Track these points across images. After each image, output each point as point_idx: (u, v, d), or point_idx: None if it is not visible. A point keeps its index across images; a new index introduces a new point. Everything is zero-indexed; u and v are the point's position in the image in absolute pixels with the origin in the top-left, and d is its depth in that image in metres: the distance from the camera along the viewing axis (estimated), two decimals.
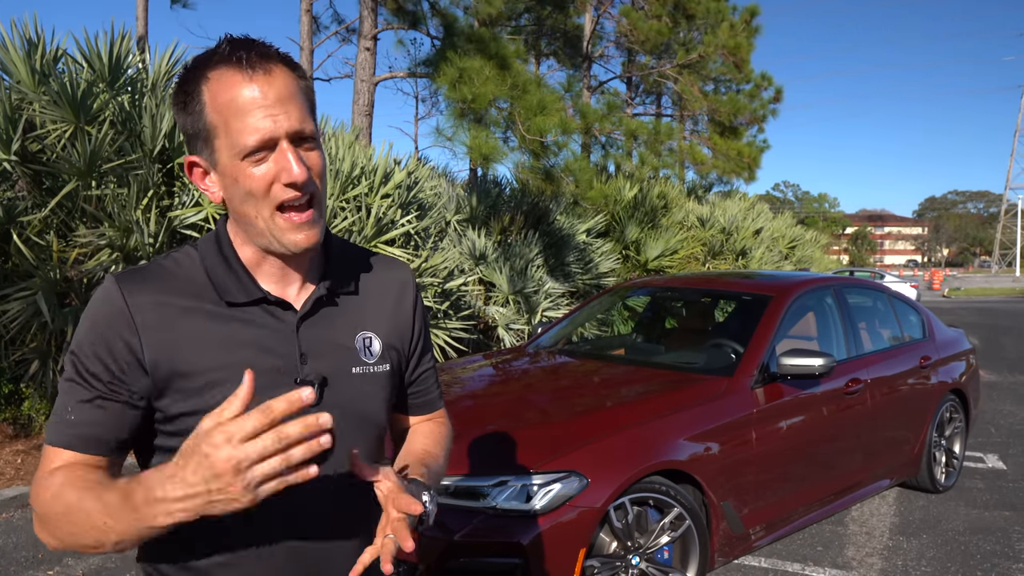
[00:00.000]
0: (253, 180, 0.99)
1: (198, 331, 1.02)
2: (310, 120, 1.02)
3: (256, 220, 1.02)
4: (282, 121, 0.98)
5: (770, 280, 4.50)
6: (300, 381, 1.06)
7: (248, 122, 0.97)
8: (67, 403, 1.00)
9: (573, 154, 9.48)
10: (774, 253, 17.25)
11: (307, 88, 1.04)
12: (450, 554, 2.61)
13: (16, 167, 5.04)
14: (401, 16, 10.39)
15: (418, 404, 1.30)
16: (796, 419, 3.58)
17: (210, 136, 1.00)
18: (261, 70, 0.98)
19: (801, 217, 45.70)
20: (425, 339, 1.28)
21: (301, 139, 1.00)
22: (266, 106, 0.97)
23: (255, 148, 0.98)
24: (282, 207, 1.01)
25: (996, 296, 33.49)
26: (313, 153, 1.02)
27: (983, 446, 5.97)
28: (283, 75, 1.00)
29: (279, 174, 0.99)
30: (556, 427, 3.03)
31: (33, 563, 3.56)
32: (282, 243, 1.03)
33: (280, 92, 0.98)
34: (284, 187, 0.99)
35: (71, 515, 0.93)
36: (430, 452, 1.24)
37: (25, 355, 5.03)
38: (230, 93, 0.97)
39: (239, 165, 0.99)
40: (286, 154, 0.98)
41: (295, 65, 1.03)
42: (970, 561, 3.76)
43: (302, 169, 0.99)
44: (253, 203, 1.00)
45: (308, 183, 1.00)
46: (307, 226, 1.02)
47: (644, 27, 16.12)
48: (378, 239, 6.34)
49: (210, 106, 0.99)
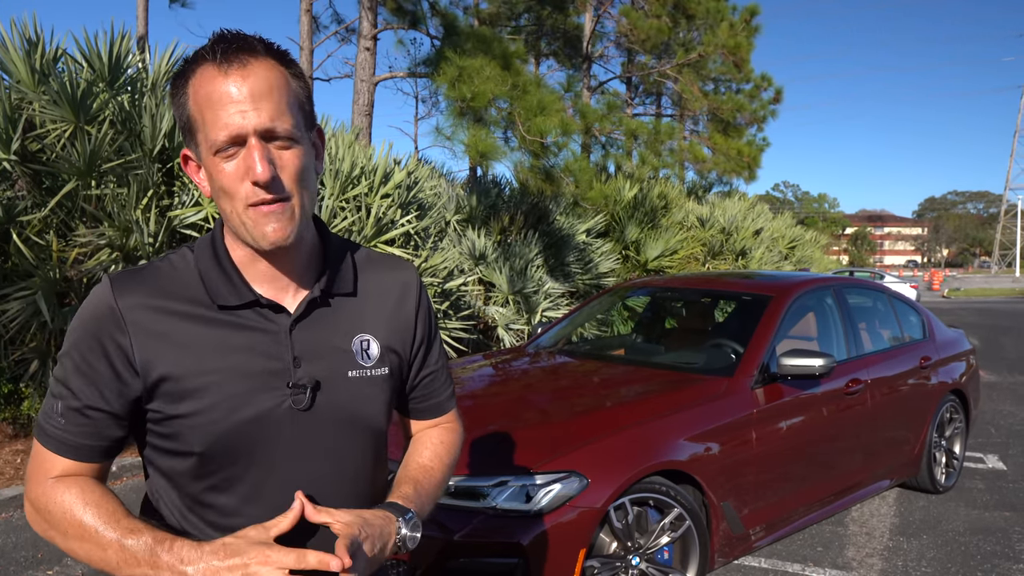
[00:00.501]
0: (224, 176, 0.98)
1: (191, 334, 1.02)
2: (287, 117, 0.99)
3: (231, 215, 1.01)
4: (251, 118, 0.96)
5: (770, 280, 4.50)
6: (293, 385, 1.05)
7: (219, 116, 0.96)
8: (58, 407, 1.01)
9: (573, 154, 9.49)
10: (774, 253, 17.25)
11: (296, 85, 1.02)
12: (450, 554, 2.61)
13: (16, 167, 5.03)
14: (401, 16, 10.40)
15: (424, 408, 1.27)
16: (796, 419, 3.58)
17: (193, 130, 1.00)
18: (237, 64, 0.97)
19: (801, 217, 45.71)
20: (431, 340, 1.25)
21: (273, 137, 0.98)
22: (237, 102, 0.96)
23: (224, 144, 0.97)
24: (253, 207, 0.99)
25: (996, 296, 33.50)
26: (288, 152, 0.99)
27: (983, 446, 5.97)
28: (263, 70, 0.98)
29: (247, 172, 0.97)
30: (556, 427, 3.03)
31: (33, 563, 3.55)
32: (253, 237, 1.01)
33: (255, 88, 0.96)
34: (252, 185, 0.98)
35: (84, 540, 0.97)
36: (426, 467, 1.21)
37: (25, 355, 5.03)
38: (206, 88, 0.97)
39: (214, 160, 0.98)
40: (252, 152, 0.97)
41: (285, 60, 1.01)
42: (970, 562, 3.76)
43: (266, 168, 0.96)
44: (228, 200, 1.00)
45: (274, 183, 0.98)
46: (274, 217, 0.99)
47: (644, 27, 16.12)
48: (378, 239, 6.33)
49: (192, 100, 0.99)
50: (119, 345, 1.00)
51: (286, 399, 1.04)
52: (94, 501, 0.98)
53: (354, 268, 1.16)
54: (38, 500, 1.00)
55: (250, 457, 1.04)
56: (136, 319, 1.00)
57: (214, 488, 1.05)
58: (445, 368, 1.29)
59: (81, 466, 1.01)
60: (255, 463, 1.05)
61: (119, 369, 1.00)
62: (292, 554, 0.92)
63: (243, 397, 1.02)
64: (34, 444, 1.03)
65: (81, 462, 1.01)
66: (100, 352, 1.00)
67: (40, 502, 0.99)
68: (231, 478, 1.04)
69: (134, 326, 1.00)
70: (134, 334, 1.00)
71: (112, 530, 0.95)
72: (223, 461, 1.03)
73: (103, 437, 1.01)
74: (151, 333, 1.01)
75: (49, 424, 1.01)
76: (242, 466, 1.04)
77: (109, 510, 0.97)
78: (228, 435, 1.02)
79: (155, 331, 1.01)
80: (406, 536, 1.07)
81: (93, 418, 1.00)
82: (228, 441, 1.02)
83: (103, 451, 1.02)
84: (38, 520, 1.01)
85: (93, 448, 1.01)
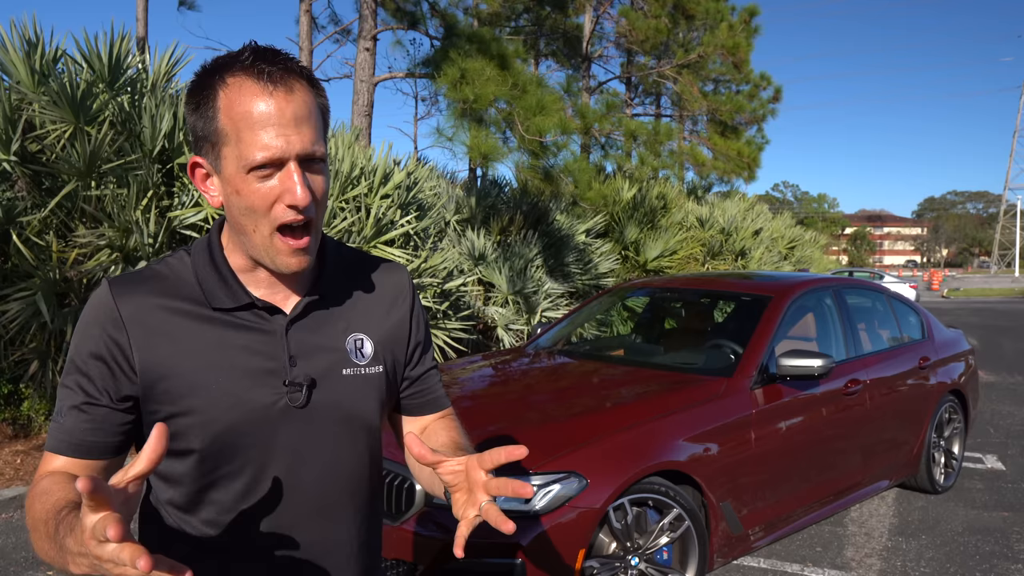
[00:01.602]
0: (256, 196, 0.98)
1: (188, 335, 1.03)
2: (322, 143, 1.01)
3: (253, 235, 1.01)
4: (295, 142, 0.97)
5: (769, 281, 4.50)
6: (289, 383, 1.06)
7: (260, 137, 0.96)
8: (60, 407, 1.02)
9: (572, 154, 9.50)
10: (773, 253, 17.26)
11: (324, 107, 1.03)
12: (449, 554, 2.61)
13: (16, 167, 5.04)
14: (400, 16, 10.40)
15: (424, 403, 1.29)
16: (795, 420, 3.59)
17: (219, 142, 0.99)
18: (283, 86, 0.97)
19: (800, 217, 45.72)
20: (425, 341, 1.28)
21: (310, 161, 0.99)
22: (281, 124, 0.96)
23: (262, 164, 0.97)
24: (281, 228, 1.00)
25: (995, 296, 33.50)
26: (319, 176, 1.01)
27: (982, 447, 5.98)
28: (303, 93, 0.98)
29: (283, 195, 0.98)
30: (555, 428, 3.03)
31: (33, 563, 3.56)
32: (275, 263, 1.03)
33: (297, 111, 0.97)
34: (286, 207, 0.98)
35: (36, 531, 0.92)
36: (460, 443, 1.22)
37: (24, 355, 5.03)
38: (247, 104, 0.96)
39: (244, 178, 0.98)
40: (292, 176, 0.97)
41: (316, 83, 1.02)
42: (969, 562, 3.77)
43: (306, 193, 0.98)
44: (252, 217, 1.00)
45: (310, 207, 1.00)
46: (302, 252, 1.02)
47: (643, 27, 16.13)
48: (377, 239, 6.34)
49: (224, 112, 0.97)
50: (118, 344, 1.01)
51: (282, 397, 1.06)
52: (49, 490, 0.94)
53: (349, 269, 1.18)
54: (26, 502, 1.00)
55: (247, 454, 1.05)
56: (134, 319, 1.02)
57: (211, 485, 1.06)
58: (437, 368, 1.33)
59: (76, 463, 1.01)
60: (252, 460, 1.06)
61: (118, 367, 1.01)
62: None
63: (240, 395, 1.04)
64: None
65: (76, 459, 1.01)
66: (99, 351, 1.01)
67: (27, 504, 0.99)
68: (228, 475, 1.06)
69: (132, 326, 1.01)
70: (132, 334, 1.01)
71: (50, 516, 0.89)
72: (220, 459, 1.05)
73: (100, 432, 1.02)
74: (149, 333, 1.02)
75: (53, 427, 1.02)
76: (239, 463, 1.05)
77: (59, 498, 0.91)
78: (225, 433, 1.03)
79: (153, 330, 1.02)
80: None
81: (91, 414, 1.01)
82: (226, 439, 1.04)
83: (100, 448, 1.02)
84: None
85: (91, 445, 1.01)
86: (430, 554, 2.63)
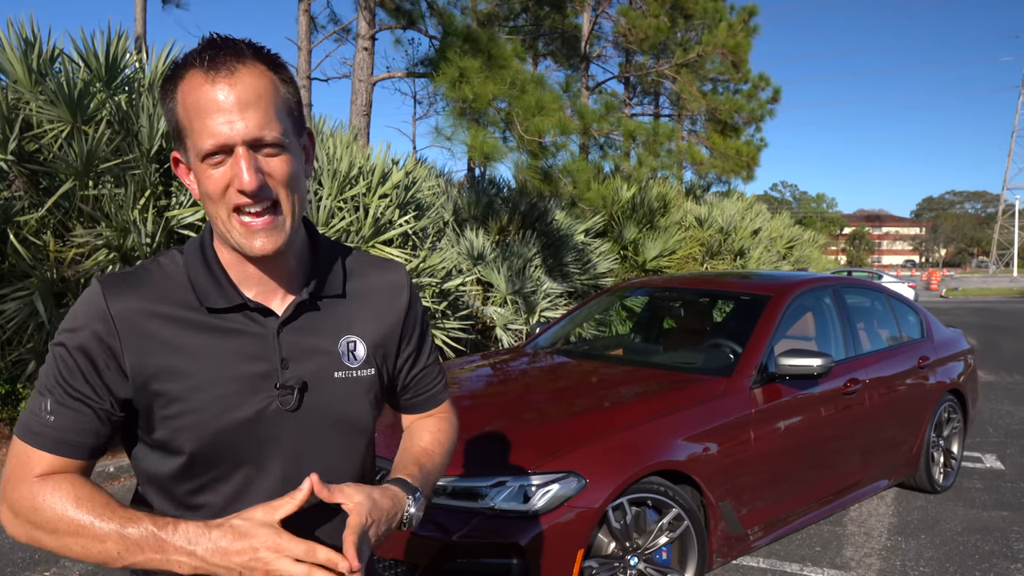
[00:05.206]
0: (211, 183, 0.99)
1: (180, 338, 1.03)
2: (274, 125, 0.99)
3: (217, 220, 1.02)
4: (238, 127, 0.96)
5: (768, 280, 4.50)
6: (280, 386, 1.06)
7: (207, 125, 0.96)
8: (47, 404, 1.00)
9: (571, 154, 9.50)
10: (772, 253, 17.26)
11: (285, 90, 1.02)
12: (448, 555, 2.61)
13: (13, 167, 5.02)
14: (398, 16, 10.39)
15: (419, 402, 1.29)
16: (794, 419, 3.58)
17: (181, 134, 1.01)
18: (225, 71, 0.96)
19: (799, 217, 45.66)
20: (421, 339, 1.26)
21: (261, 145, 0.98)
22: (224, 111, 0.96)
23: (210, 152, 0.97)
24: (239, 210, 1.00)
25: (994, 296, 33.53)
26: (276, 159, 1.00)
27: (981, 446, 5.97)
28: (250, 77, 0.97)
29: (232, 180, 0.98)
30: (554, 427, 3.02)
31: (30, 564, 3.54)
32: (240, 245, 1.02)
33: (243, 95, 0.96)
34: (236, 192, 0.98)
35: (79, 535, 0.95)
36: (427, 451, 1.24)
37: (22, 355, 5.02)
38: (194, 95, 0.97)
39: (200, 166, 0.99)
40: (240, 161, 0.97)
41: (275, 64, 1.01)
42: (968, 561, 3.76)
43: (253, 178, 0.97)
44: (213, 205, 1.01)
45: (262, 190, 0.99)
46: (263, 233, 1.01)
47: (642, 26, 16.13)
48: (376, 239, 6.33)
49: (180, 105, 0.99)
50: (110, 347, 1.00)
51: (274, 400, 1.06)
52: (86, 495, 0.97)
53: (343, 270, 1.17)
54: (19, 501, 0.97)
55: (239, 458, 1.05)
56: (126, 322, 1.01)
57: (202, 489, 1.06)
58: (436, 362, 1.32)
59: (67, 463, 1.00)
60: (244, 464, 1.06)
61: (110, 371, 1.00)
62: (302, 545, 0.93)
63: (232, 399, 1.03)
64: (13, 445, 1.02)
65: (68, 459, 1.00)
66: (91, 353, 1.00)
67: (23, 503, 0.97)
68: (219, 479, 1.05)
69: (124, 329, 1.01)
70: (124, 337, 1.01)
71: (109, 521, 0.94)
72: (212, 462, 1.04)
73: (92, 433, 1.01)
74: (141, 336, 1.01)
75: (35, 421, 1.00)
76: (230, 467, 1.05)
77: (102, 502, 0.97)
78: (217, 436, 1.03)
79: (145, 334, 1.02)
80: (413, 515, 1.10)
81: (83, 414, 1.00)
82: (217, 442, 1.03)
83: (91, 448, 1.02)
84: (18, 523, 0.98)
85: (82, 445, 1.01)
86: (428, 554, 2.62)
